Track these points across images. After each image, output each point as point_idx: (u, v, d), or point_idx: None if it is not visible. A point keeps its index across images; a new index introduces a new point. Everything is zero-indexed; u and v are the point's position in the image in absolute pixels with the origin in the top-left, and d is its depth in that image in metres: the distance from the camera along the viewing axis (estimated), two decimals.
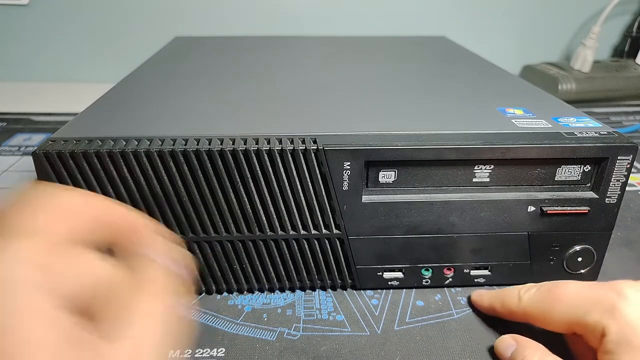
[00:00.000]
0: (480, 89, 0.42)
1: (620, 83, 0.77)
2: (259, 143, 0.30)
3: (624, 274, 0.38)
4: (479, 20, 0.87)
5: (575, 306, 0.27)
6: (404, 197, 0.32)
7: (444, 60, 0.54)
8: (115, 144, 0.30)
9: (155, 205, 0.31)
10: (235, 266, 0.34)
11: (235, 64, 0.51)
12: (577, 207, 0.33)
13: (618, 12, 0.85)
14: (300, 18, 0.84)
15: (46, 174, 0.30)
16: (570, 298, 0.27)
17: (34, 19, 0.82)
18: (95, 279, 0.17)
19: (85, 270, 0.17)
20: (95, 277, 0.17)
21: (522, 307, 0.30)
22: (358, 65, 0.51)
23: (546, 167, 0.33)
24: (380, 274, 0.35)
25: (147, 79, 0.45)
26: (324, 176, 0.31)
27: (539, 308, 0.29)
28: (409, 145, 0.30)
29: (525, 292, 0.30)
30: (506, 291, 0.32)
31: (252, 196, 0.31)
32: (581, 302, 0.26)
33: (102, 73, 0.86)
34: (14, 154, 0.58)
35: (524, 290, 0.30)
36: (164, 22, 0.83)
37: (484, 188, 0.33)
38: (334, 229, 0.33)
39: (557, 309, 0.27)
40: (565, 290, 0.28)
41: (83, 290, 0.16)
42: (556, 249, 0.35)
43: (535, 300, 0.29)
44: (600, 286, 0.27)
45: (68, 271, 0.16)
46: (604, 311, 0.25)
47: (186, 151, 0.30)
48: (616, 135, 0.32)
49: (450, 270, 0.35)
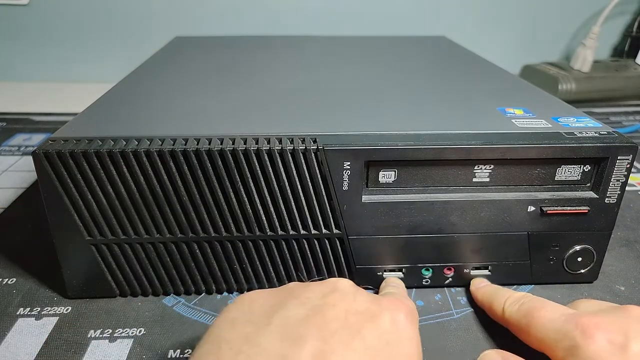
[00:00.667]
0: (480, 89, 0.42)
1: (620, 83, 0.77)
2: (259, 143, 0.30)
3: (624, 273, 0.38)
4: (479, 20, 0.87)
5: (548, 336, 0.26)
6: (404, 197, 0.32)
7: (444, 60, 0.54)
8: (115, 144, 0.30)
9: (155, 205, 0.31)
10: (235, 266, 0.34)
11: (235, 64, 0.51)
12: (577, 207, 0.33)
13: (618, 12, 0.85)
14: (300, 18, 0.84)
15: (46, 174, 0.30)
16: (544, 326, 0.27)
17: (34, 19, 0.82)
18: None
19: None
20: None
21: (505, 318, 0.30)
22: (358, 65, 0.51)
23: (546, 167, 0.33)
24: (380, 274, 0.35)
25: (147, 79, 0.45)
26: (324, 176, 0.31)
27: (518, 326, 0.29)
28: (409, 145, 0.30)
29: (509, 305, 0.30)
30: (495, 296, 0.32)
31: (252, 196, 0.31)
32: (553, 334, 0.26)
33: (102, 73, 0.86)
34: (14, 154, 0.58)
35: (508, 303, 0.30)
36: (164, 22, 0.83)
37: (484, 188, 0.33)
38: (334, 228, 0.33)
39: (533, 332, 0.28)
40: (542, 316, 0.27)
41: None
42: (556, 249, 0.35)
43: (515, 317, 0.29)
44: (570, 320, 0.26)
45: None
46: (569, 348, 0.25)
47: (186, 151, 0.30)
48: (616, 135, 0.32)
49: (450, 270, 0.35)
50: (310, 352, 0.21)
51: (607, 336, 0.24)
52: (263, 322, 0.22)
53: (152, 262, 0.33)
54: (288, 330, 0.22)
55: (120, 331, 0.32)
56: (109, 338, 0.31)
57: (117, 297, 0.35)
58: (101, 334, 0.32)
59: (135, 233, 0.32)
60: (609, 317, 0.26)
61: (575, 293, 0.36)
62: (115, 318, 0.33)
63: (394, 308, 0.25)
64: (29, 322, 0.32)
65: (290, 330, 0.22)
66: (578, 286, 0.36)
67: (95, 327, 0.32)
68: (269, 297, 0.25)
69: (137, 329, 0.32)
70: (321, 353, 0.21)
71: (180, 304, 0.34)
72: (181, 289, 0.35)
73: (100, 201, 0.31)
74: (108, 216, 0.31)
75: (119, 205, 0.31)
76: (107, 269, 0.33)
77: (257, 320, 0.23)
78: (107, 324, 0.32)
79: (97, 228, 0.32)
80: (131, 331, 0.32)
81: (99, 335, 0.31)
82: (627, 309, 0.26)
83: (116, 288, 0.34)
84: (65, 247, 0.32)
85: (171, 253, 0.33)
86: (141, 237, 0.32)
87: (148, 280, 0.34)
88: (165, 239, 0.32)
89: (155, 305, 0.34)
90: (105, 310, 0.34)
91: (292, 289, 0.25)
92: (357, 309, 0.24)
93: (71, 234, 0.32)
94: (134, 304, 0.34)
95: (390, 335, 0.23)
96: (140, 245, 0.33)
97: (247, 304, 0.24)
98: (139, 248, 0.33)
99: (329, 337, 0.21)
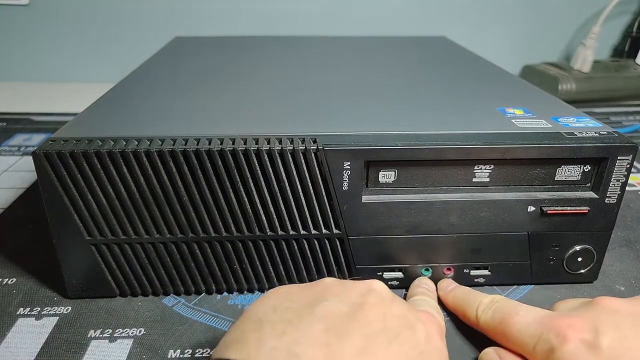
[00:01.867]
0: (480, 89, 0.42)
1: (620, 83, 0.77)
2: (259, 143, 0.30)
3: (624, 273, 0.38)
4: (479, 20, 0.87)
5: (525, 340, 0.26)
6: (404, 197, 0.32)
7: (444, 60, 0.54)
8: (115, 144, 0.30)
9: (155, 205, 0.31)
10: (235, 266, 0.34)
11: (235, 64, 0.51)
12: (577, 207, 0.33)
13: (618, 12, 0.85)
14: (300, 18, 0.84)
15: (46, 174, 0.30)
16: (519, 331, 0.27)
17: (34, 19, 0.82)
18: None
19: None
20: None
21: (479, 325, 0.30)
22: (358, 65, 0.51)
23: (546, 167, 0.33)
24: (380, 274, 0.35)
25: (147, 79, 0.45)
26: (324, 176, 0.31)
27: (494, 331, 0.29)
28: (409, 145, 0.30)
29: (482, 312, 0.30)
30: (466, 302, 0.32)
31: (252, 196, 0.31)
32: (529, 337, 0.26)
33: (102, 73, 0.86)
34: (14, 154, 0.58)
35: (480, 310, 0.30)
36: (164, 22, 0.83)
37: (484, 188, 0.33)
38: (334, 228, 0.33)
39: (510, 336, 0.27)
40: (517, 321, 0.27)
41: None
42: (556, 249, 0.35)
43: (491, 325, 0.29)
44: (545, 322, 0.26)
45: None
46: (546, 351, 0.25)
47: (186, 151, 0.30)
48: (616, 135, 0.32)
49: (450, 270, 0.35)
50: (354, 347, 0.21)
51: (579, 335, 0.24)
52: (306, 311, 0.23)
53: (152, 262, 0.33)
54: (331, 322, 0.22)
55: (120, 331, 0.32)
56: (109, 338, 0.31)
57: (117, 297, 0.35)
58: (101, 334, 0.32)
59: (135, 233, 0.32)
60: (581, 315, 0.26)
61: (575, 293, 0.36)
62: (115, 318, 0.33)
63: (428, 322, 0.25)
64: (29, 322, 0.32)
65: (334, 323, 0.22)
66: (578, 286, 0.36)
67: (95, 327, 0.32)
68: (306, 289, 0.25)
69: (137, 329, 0.32)
70: (364, 350, 0.21)
71: (180, 304, 0.34)
72: (181, 289, 0.35)
73: (100, 201, 0.31)
74: (108, 216, 0.31)
75: (118, 205, 0.31)
76: (107, 269, 0.33)
77: (299, 308, 0.23)
78: (107, 324, 0.32)
79: (97, 228, 0.32)
80: (131, 331, 0.32)
81: (99, 335, 0.31)
82: (598, 302, 0.26)
83: (116, 288, 0.34)
84: (65, 247, 0.32)
85: (171, 253, 0.33)
86: (141, 237, 0.32)
87: (148, 280, 0.34)
88: (165, 239, 0.32)
89: (155, 305, 0.34)
90: (105, 310, 0.34)
91: (329, 284, 0.25)
92: (394, 313, 0.24)
93: (71, 234, 0.32)
94: (134, 304, 0.34)
95: (424, 346, 0.23)
96: (140, 245, 0.33)
97: (285, 294, 0.25)
98: (139, 248, 0.33)
99: (371, 336, 0.22)
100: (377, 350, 0.22)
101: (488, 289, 0.36)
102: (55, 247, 0.32)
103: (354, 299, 0.24)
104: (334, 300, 0.24)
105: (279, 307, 0.23)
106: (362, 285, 0.25)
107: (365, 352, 0.21)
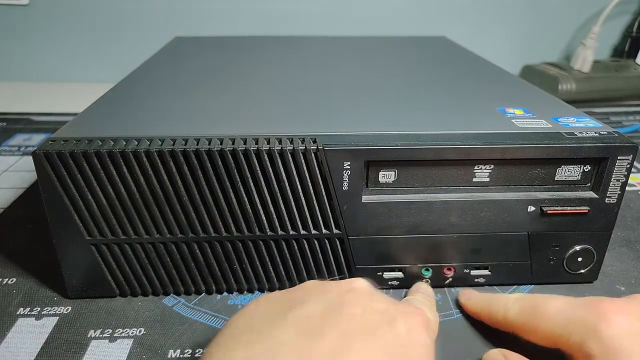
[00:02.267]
0: (480, 89, 0.42)
1: (620, 83, 0.77)
2: (259, 143, 0.30)
3: (624, 273, 0.38)
4: (479, 20, 0.87)
5: (559, 326, 0.26)
6: (404, 197, 0.32)
7: (444, 60, 0.54)
8: (115, 144, 0.30)
9: (155, 205, 0.31)
10: (235, 266, 0.34)
11: (235, 64, 0.51)
12: (577, 207, 0.33)
13: (618, 12, 0.85)
14: (300, 18, 0.84)
15: (46, 174, 0.30)
16: (554, 317, 0.27)
17: (34, 19, 0.82)
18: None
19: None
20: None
21: (508, 321, 0.30)
22: (358, 65, 0.51)
23: (546, 167, 0.33)
24: (380, 274, 0.35)
25: (147, 79, 0.45)
26: (324, 176, 0.31)
27: (524, 324, 0.29)
28: (409, 145, 0.30)
29: (511, 304, 0.30)
30: (493, 301, 0.31)
31: (252, 196, 0.31)
32: (565, 323, 0.26)
33: (102, 73, 0.86)
34: (14, 154, 0.58)
35: (510, 303, 0.30)
36: (164, 22, 0.83)
37: (483, 188, 0.33)
38: (334, 228, 0.33)
39: (542, 327, 0.27)
40: (550, 309, 0.27)
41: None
42: (556, 249, 0.35)
43: (521, 316, 0.29)
44: (584, 305, 0.26)
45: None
46: (586, 333, 0.25)
47: (186, 151, 0.30)
48: (616, 135, 0.32)
49: (450, 270, 0.35)
50: (327, 347, 0.21)
51: (627, 319, 0.24)
52: (279, 317, 0.23)
53: (152, 262, 0.33)
54: (305, 325, 0.22)
55: (120, 331, 0.32)
56: (109, 338, 0.31)
57: (117, 297, 0.35)
58: (101, 334, 0.32)
59: (135, 233, 0.32)
60: (627, 302, 0.26)
61: (575, 293, 0.36)
62: (115, 318, 0.33)
63: (412, 315, 0.25)
64: (29, 322, 0.32)
65: (307, 325, 0.22)
66: (578, 286, 0.36)
67: (95, 327, 0.32)
68: (286, 294, 0.25)
69: (137, 329, 0.32)
70: (338, 349, 0.21)
71: (180, 304, 0.34)
72: (181, 289, 0.35)
73: (100, 201, 0.31)
74: (108, 216, 0.31)
75: (118, 205, 0.31)
76: (107, 269, 0.33)
77: (274, 315, 0.23)
78: (107, 324, 0.32)
79: (97, 228, 0.32)
80: (131, 331, 0.32)
81: (99, 335, 0.31)
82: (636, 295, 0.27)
83: (116, 288, 0.34)
84: (65, 247, 0.32)
85: (171, 253, 0.33)
86: (141, 237, 0.32)
87: (148, 280, 0.34)
88: (165, 239, 0.32)
89: (155, 305, 0.34)
90: (105, 310, 0.34)
91: (309, 287, 0.25)
92: (374, 309, 0.24)
93: (71, 234, 0.32)
94: (134, 304, 0.34)
95: (404, 339, 0.23)
96: (140, 245, 0.33)
97: (263, 302, 0.25)
98: (139, 248, 0.33)
99: (347, 334, 0.22)
100: (353, 348, 0.21)
101: (488, 289, 0.36)
102: (55, 247, 0.32)
103: (332, 298, 0.24)
104: (311, 302, 0.23)
105: (254, 316, 0.23)
106: (343, 285, 0.25)
107: (341, 350, 0.21)
